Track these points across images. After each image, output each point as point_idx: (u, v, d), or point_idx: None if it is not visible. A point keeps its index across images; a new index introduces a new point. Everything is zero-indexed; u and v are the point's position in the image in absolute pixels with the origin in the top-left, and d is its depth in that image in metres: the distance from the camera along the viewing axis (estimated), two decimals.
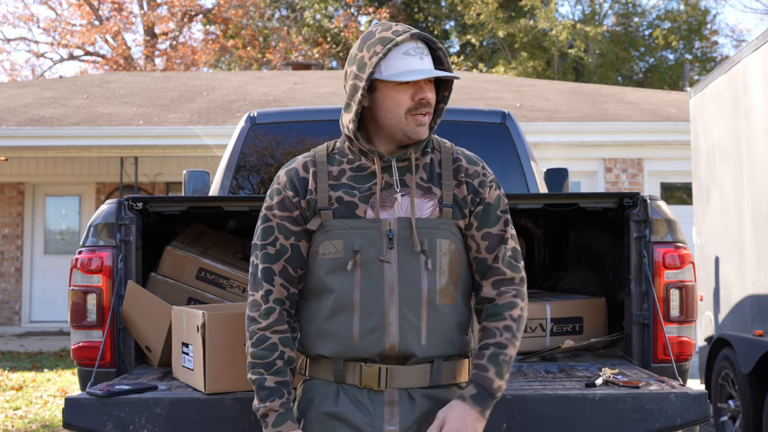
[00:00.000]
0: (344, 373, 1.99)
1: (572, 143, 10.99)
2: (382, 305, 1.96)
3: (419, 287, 1.97)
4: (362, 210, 2.01)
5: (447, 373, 2.02)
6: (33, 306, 12.83)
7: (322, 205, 2.02)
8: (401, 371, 1.97)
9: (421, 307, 1.97)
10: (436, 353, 1.99)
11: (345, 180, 2.05)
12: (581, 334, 3.39)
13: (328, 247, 2.00)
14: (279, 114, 4.61)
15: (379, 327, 1.95)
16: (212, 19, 26.36)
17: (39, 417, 6.38)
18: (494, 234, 2.07)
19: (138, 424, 2.44)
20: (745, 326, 5.31)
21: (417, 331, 1.96)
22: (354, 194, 2.02)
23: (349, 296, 1.97)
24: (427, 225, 2.01)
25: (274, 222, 2.05)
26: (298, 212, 2.04)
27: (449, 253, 2.02)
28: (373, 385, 1.97)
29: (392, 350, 1.96)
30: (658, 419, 2.44)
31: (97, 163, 12.49)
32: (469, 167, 2.10)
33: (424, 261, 1.98)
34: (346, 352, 1.97)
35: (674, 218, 3.06)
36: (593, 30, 22.35)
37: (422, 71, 1.97)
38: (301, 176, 2.07)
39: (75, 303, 2.98)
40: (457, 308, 2.03)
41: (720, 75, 5.93)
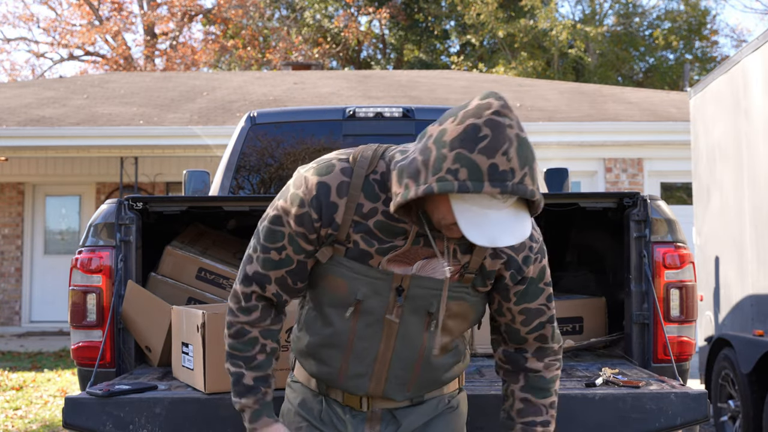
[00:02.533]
0: (327, 391, 1.94)
1: (572, 143, 10.99)
2: (374, 355, 1.87)
3: (418, 346, 1.87)
4: (376, 261, 1.83)
5: (433, 394, 1.96)
6: (33, 306, 12.83)
7: (339, 239, 1.83)
8: (383, 400, 1.92)
9: (415, 363, 1.88)
10: (419, 395, 1.93)
11: (371, 224, 1.81)
12: (581, 334, 3.39)
13: (332, 282, 1.86)
14: (279, 114, 4.61)
15: (365, 374, 1.88)
16: (212, 19, 26.35)
17: (39, 417, 6.37)
18: (533, 309, 1.92)
19: (138, 424, 2.44)
20: (745, 326, 5.31)
21: (403, 384, 1.90)
22: (372, 244, 1.81)
23: (345, 336, 1.87)
24: (438, 287, 1.83)
25: (287, 230, 1.85)
26: (315, 235, 1.83)
27: (457, 315, 1.88)
28: (354, 406, 1.92)
29: (375, 392, 1.90)
30: (658, 419, 2.44)
31: (97, 163, 12.49)
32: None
33: (427, 323, 1.86)
34: (330, 381, 1.92)
35: (674, 218, 3.06)
36: (593, 30, 22.35)
37: (490, 232, 1.63)
38: (332, 201, 1.81)
39: (75, 303, 2.98)
40: (454, 352, 1.95)
41: (720, 75, 5.93)
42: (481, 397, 2.49)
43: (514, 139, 1.61)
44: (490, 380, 2.77)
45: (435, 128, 1.68)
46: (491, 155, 1.58)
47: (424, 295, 1.84)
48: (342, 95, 13.08)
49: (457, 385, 2.02)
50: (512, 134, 1.61)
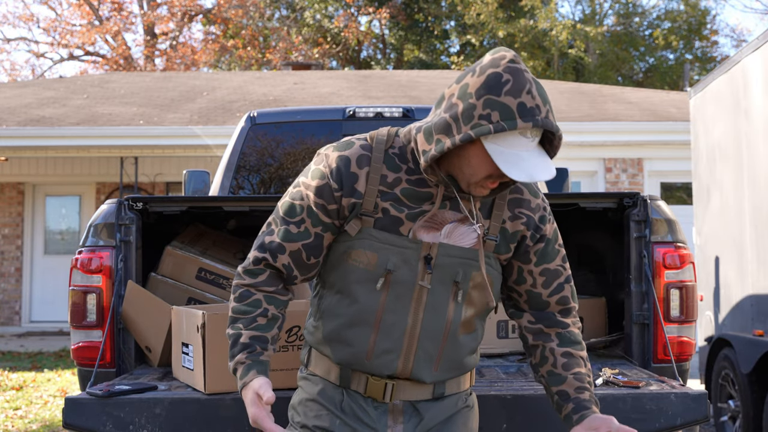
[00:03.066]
0: (349, 379, 1.92)
1: (572, 143, 10.99)
2: (402, 329, 1.87)
3: (444, 318, 1.89)
4: (406, 228, 1.87)
5: (452, 386, 1.97)
6: (33, 306, 12.83)
7: (366, 210, 1.87)
8: (407, 386, 1.92)
9: (442, 337, 1.90)
10: (444, 378, 1.94)
11: (398, 191, 1.88)
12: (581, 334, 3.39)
13: (361, 256, 1.87)
14: (279, 114, 4.61)
15: (394, 350, 1.88)
16: (212, 19, 26.35)
17: (39, 417, 6.37)
18: (552, 269, 1.99)
19: (138, 424, 2.44)
20: (745, 326, 5.31)
21: (431, 360, 1.90)
22: (402, 210, 1.87)
23: (372, 312, 1.87)
24: (464, 255, 1.88)
25: (306, 203, 1.90)
26: (335, 206, 1.88)
27: (480, 286, 1.92)
28: (377, 397, 1.91)
29: (403, 371, 1.89)
30: (658, 419, 2.44)
31: (97, 163, 12.49)
32: (531, 200, 1.97)
33: (454, 292, 1.89)
34: (356, 364, 1.91)
35: (674, 218, 3.06)
36: (593, 30, 22.35)
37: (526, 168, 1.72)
38: (352, 171, 1.88)
39: (75, 303, 2.98)
40: (474, 335, 1.97)
41: (720, 75, 5.93)
42: (480, 397, 2.49)
43: (532, 80, 1.74)
44: (490, 380, 2.77)
45: (454, 87, 1.78)
46: (517, 95, 1.71)
47: (452, 264, 1.88)
48: (342, 95, 13.08)
49: (471, 381, 2.05)
50: (529, 77, 1.74)
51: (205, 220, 3.61)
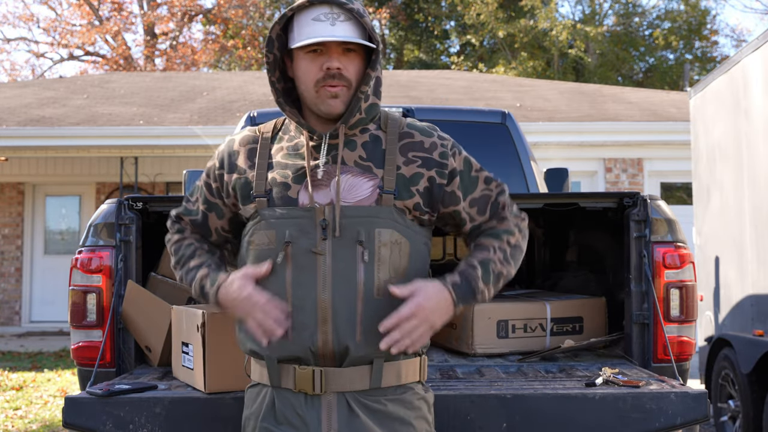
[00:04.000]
0: (279, 375, 1.88)
1: (572, 143, 10.99)
2: (314, 299, 1.83)
3: (355, 280, 1.83)
4: (295, 191, 1.90)
5: (390, 374, 1.87)
6: (33, 306, 12.83)
7: (258, 191, 1.92)
8: (337, 373, 1.85)
9: (356, 302, 1.83)
10: (373, 352, 1.84)
11: (280, 158, 1.95)
12: (581, 334, 3.39)
13: (261, 238, 1.90)
14: (279, 114, 4.60)
15: (311, 323, 1.83)
16: (212, 19, 26.35)
17: (39, 417, 6.37)
18: (478, 197, 1.99)
19: (138, 424, 2.44)
20: (745, 326, 5.30)
21: (351, 328, 1.83)
22: (287, 175, 1.92)
23: (281, 290, 1.85)
24: (363, 213, 1.86)
25: (201, 182, 2.08)
26: (216, 184, 2.03)
27: (390, 243, 1.87)
28: (307, 389, 1.85)
29: (325, 347, 1.83)
30: (658, 419, 2.44)
31: (97, 163, 12.49)
32: (424, 140, 1.96)
33: (360, 252, 1.84)
34: (280, 350, 1.86)
35: (674, 218, 3.06)
36: (593, 30, 22.35)
37: (319, 36, 1.84)
38: (234, 149, 2.01)
39: (75, 303, 2.98)
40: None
41: (720, 75, 5.93)
42: (481, 397, 2.49)
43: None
44: (489, 380, 2.77)
45: None
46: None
47: (350, 224, 1.86)
48: None
49: (418, 375, 1.94)
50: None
51: None
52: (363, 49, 1.92)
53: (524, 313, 3.32)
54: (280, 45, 1.96)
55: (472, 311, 3.24)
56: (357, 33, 1.89)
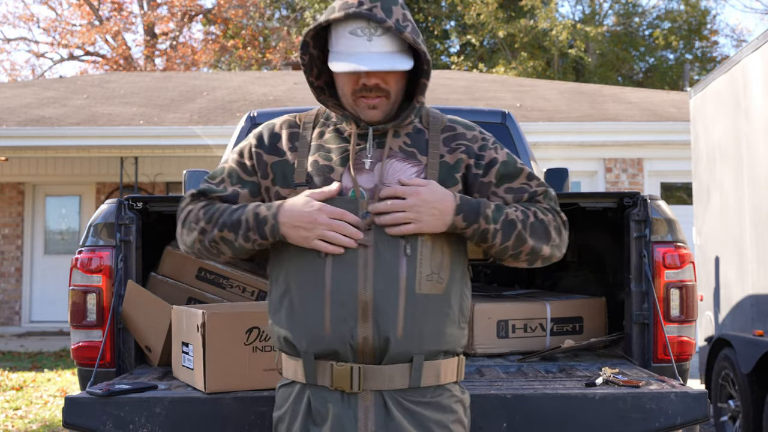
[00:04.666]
0: (315, 373, 1.83)
1: (572, 143, 10.99)
2: (355, 293, 1.79)
3: (396, 275, 1.79)
4: (338, 174, 1.87)
5: (429, 373, 1.83)
6: (33, 306, 12.83)
7: (299, 179, 1.90)
8: (376, 371, 1.80)
9: (398, 296, 1.79)
10: (414, 349, 1.81)
11: (323, 142, 1.94)
12: (581, 334, 3.39)
13: None
14: (279, 114, 4.59)
15: (351, 317, 1.79)
16: (212, 19, 26.35)
17: (39, 417, 6.37)
18: (516, 188, 1.93)
19: (138, 424, 2.44)
20: (745, 326, 5.30)
21: (393, 323, 1.78)
22: (330, 157, 1.90)
23: (320, 283, 1.81)
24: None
25: (227, 165, 1.99)
26: (252, 162, 1.96)
27: (432, 237, 1.83)
28: (345, 387, 1.80)
29: (365, 343, 1.79)
30: (658, 419, 2.44)
31: (97, 163, 12.49)
32: (466, 132, 1.97)
33: (403, 246, 1.81)
34: (317, 344, 1.81)
35: (674, 218, 3.06)
36: (593, 30, 22.34)
37: (354, 57, 1.81)
38: (275, 131, 1.98)
39: (75, 303, 2.98)
40: (444, 298, 1.85)
41: (720, 75, 5.93)
42: (480, 397, 2.49)
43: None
44: (490, 380, 2.77)
45: None
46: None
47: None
48: None
49: (456, 375, 1.91)
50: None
51: None
52: (405, 54, 1.89)
53: (524, 313, 3.32)
54: (316, 44, 1.95)
55: (471, 311, 3.24)
56: (396, 46, 1.85)
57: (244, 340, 2.56)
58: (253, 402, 2.46)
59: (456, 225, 1.82)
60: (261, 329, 2.57)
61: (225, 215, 1.88)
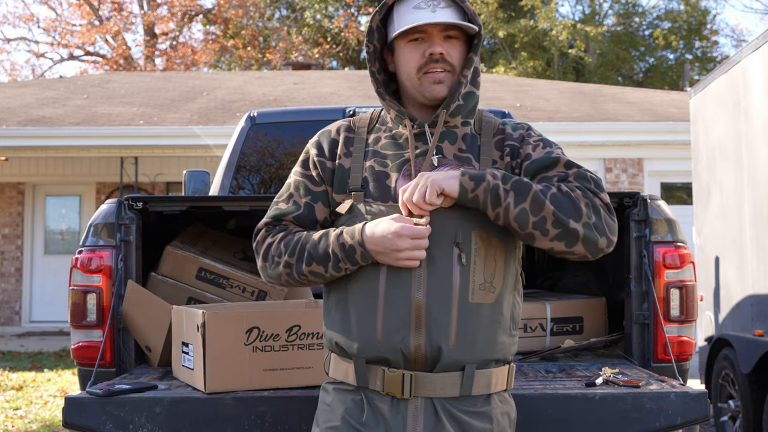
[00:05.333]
0: (366, 376, 1.83)
1: (572, 143, 10.98)
2: (408, 302, 1.79)
3: (450, 284, 1.79)
4: (393, 179, 1.88)
5: (480, 381, 1.83)
6: (33, 306, 12.83)
7: (354, 185, 1.90)
8: (427, 379, 1.80)
9: (451, 305, 1.79)
10: (466, 358, 1.81)
11: (379, 147, 1.94)
12: (581, 334, 3.39)
13: None
14: (279, 114, 4.61)
15: (404, 325, 1.79)
16: (212, 19, 26.35)
17: (39, 417, 6.37)
18: (550, 176, 1.86)
19: (138, 424, 2.44)
20: (745, 326, 5.31)
21: (446, 332, 1.78)
22: (386, 164, 1.91)
23: (375, 290, 1.81)
24: (459, 215, 1.81)
25: (292, 179, 1.98)
26: (317, 172, 1.95)
27: (485, 247, 1.83)
28: (396, 393, 1.80)
29: (418, 351, 1.79)
30: (658, 418, 2.44)
31: (97, 163, 12.50)
32: (513, 133, 1.96)
33: (457, 255, 1.80)
34: (369, 350, 1.82)
35: (674, 218, 3.06)
36: (593, 30, 22.35)
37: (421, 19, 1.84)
38: (332, 137, 1.99)
39: (75, 303, 2.98)
40: (496, 307, 1.84)
41: (720, 75, 5.93)
42: None
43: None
44: None
45: None
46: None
47: (444, 225, 1.81)
48: (342, 95, 13.08)
49: (506, 383, 1.91)
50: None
51: (205, 220, 3.60)
52: (464, 36, 1.93)
53: (524, 313, 3.32)
54: (380, 37, 1.97)
55: None
56: (459, 18, 1.90)
57: (244, 340, 2.56)
58: (253, 402, 2.46)
59: (466, 187, 1.77)
60: (261, 329, 2.57)
61: (309, 248, 1.86)
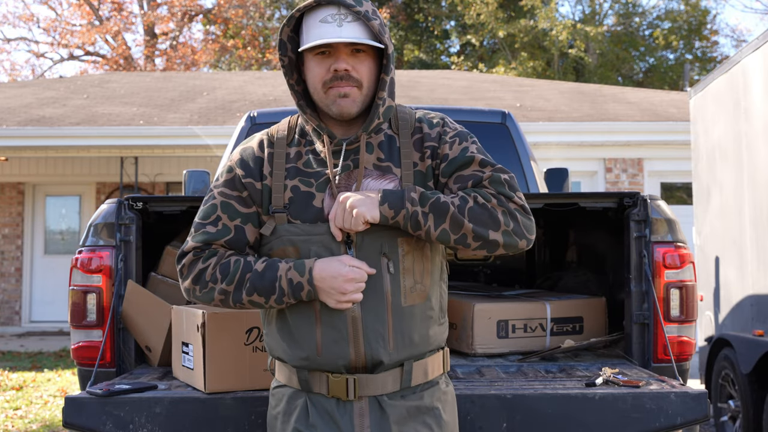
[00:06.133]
0: (310, 383, 1.88)
1: (572, 143, 10.98)
2: (343, 314, 1.83)
3: (382, 293, 1.84)
4: (319, 200, 1.87)
5: (418, 372, 1.90)
6: (33, 306, 12.83)
7: (276, 205, 1.88)
8: (369, 379, 1.86)
9: (386, 312, 1.84)
10: (404, 356, 1.87)
11: (301, 165, 1.91)
12: (581, 334, 3.39)
13: (282, 253, 1.87)
14: (279, 114, 4.61)
15: (342, 338, 1.84)
16: (212, 19, 26.35)
17: (39, 417, 6.37)
18: (466, 175, 1.88)
19: (138, 423, 2.44)
20: (745, 326, 5.31)
21: (383, 339, 1.84)
22: (311, 183, 1.89)
23: (309, 306, 1.85)
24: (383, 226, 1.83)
25: (218, 201, 1.91)
26: (246, 193, 1.91)
27: (413, 251, 1.87)
28: (341, 395, 1.86)
29: (358, 359, 1.85)
30: (658, 418, 2.44)
31: (97, 163, 12.49)
32: (431, 132, 1.94)
33: (385, 264, 1.85)
34: (310, 362, 1.87)
35: (674, 218, 3.06)
36: (593, 30, 22.35)
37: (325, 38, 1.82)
38: (256, 156, 1.94)
39: (75, 303, 2.98)
40: (427, 303, 1.90)
41: (720, 75, 5.93)
42: (480, 397, 2.49)
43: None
44: (490, 380, 2.78)
45: None
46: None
47: (372, 239, 1.84)
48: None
49: (442, 368, 1.96)
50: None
51: None
52: (373, 51, 1.90)
53: (524, 313, 3.32)
54: (294, 47, 1.94)
55: (472, 311, 3.24)
56: (366, 34, 1.85)
57: (244, 340, 2.56)
58: (253, 402, 2.47)
59: (386, 215, 1.80)
60: (261, 329, 2.57)
61: (253, 278, 1.84)
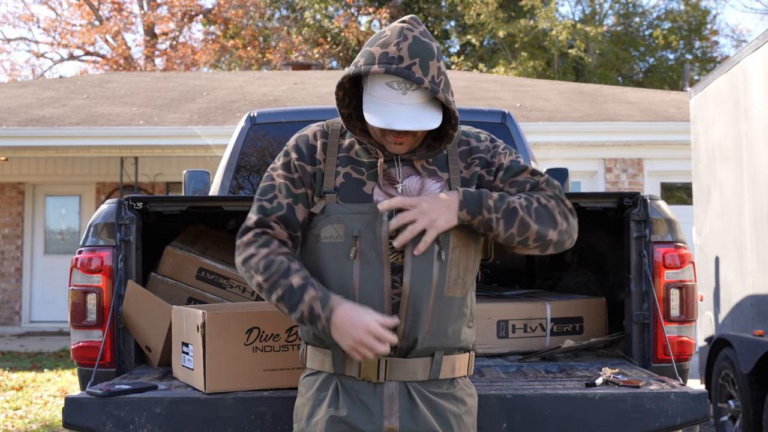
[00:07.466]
0: (343, 363, 1.95)
1: (572, 143, 10.98)
2: (380, 293, 1.91)
3: (430, 277, 1.93)
4: (369, 187, 1.99)
5: (447, 366, 1.97)
6: (33, 306, 12.83)
7: (327, 188, 1.99)
8: (401, 363, 1.93)
9: (429, 297, 1.92)
10: (437, 345, 1.95)
11: (353, 154, 2.03)
12: (581, 334, 3.39)
13: (329, 231, 1.96)
14: (279, 114, 4.61)
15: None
16: (212, 19, 26.35)
17: (39, 417, 6.37)
18: (521, 180, 2.04)
19: (138, 424, 2.44)
20: (745, 326, 5.31)
21: (421, 321, 1.92)
22: (362, 171, 2.00)
23: (349, 283, 1.92)
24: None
25: (276, 182, 2.04)
26: (298, 175, 2.02)
27: (461, 245, 1.98)
28: (372, 377, 1.93)
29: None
30: (658, 419, 2.44)
31: (97, 163, 12.49)
32: (478, 146, 2.08)
33: (437, 251, 1.93)
34: None
35: (674, 218, 3.06)
36: (593, 30, 22.34)
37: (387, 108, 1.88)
38: (310, 143, 2.05)
39: (75, 303, 2.98)
40: (463, 300, 2.00)
41: (720, 75, 5.93)
42: (480, 397, 2.49)
43: (410, 37, 1.89)
44: (489, 380, 2.78)
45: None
46: (385, 46, 1.89)
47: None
48: None
49: (466, 369, 2.04)
50: (410, 35, 1.90)
51: (205, 220, 3.61)
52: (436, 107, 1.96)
53: (524, 313, 3.32)
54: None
55: None
56: (428, 98, 1.92)
57: (244, 340, 2.56)
58: (253, 402, 2.47)
59: (462, 219, 1.93)
60: (261, 329, 2.57)
61: (284, 289, 1.91)
